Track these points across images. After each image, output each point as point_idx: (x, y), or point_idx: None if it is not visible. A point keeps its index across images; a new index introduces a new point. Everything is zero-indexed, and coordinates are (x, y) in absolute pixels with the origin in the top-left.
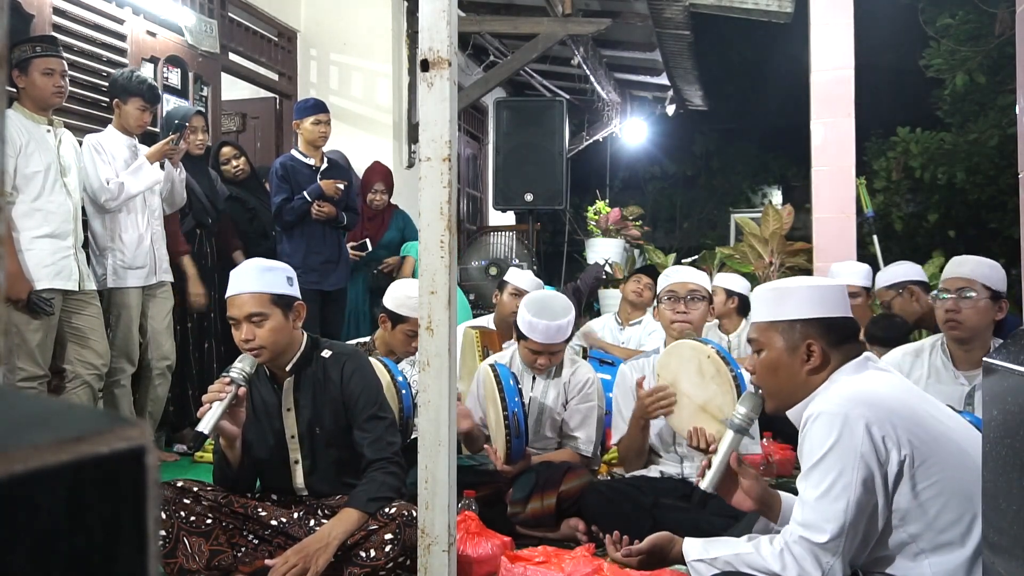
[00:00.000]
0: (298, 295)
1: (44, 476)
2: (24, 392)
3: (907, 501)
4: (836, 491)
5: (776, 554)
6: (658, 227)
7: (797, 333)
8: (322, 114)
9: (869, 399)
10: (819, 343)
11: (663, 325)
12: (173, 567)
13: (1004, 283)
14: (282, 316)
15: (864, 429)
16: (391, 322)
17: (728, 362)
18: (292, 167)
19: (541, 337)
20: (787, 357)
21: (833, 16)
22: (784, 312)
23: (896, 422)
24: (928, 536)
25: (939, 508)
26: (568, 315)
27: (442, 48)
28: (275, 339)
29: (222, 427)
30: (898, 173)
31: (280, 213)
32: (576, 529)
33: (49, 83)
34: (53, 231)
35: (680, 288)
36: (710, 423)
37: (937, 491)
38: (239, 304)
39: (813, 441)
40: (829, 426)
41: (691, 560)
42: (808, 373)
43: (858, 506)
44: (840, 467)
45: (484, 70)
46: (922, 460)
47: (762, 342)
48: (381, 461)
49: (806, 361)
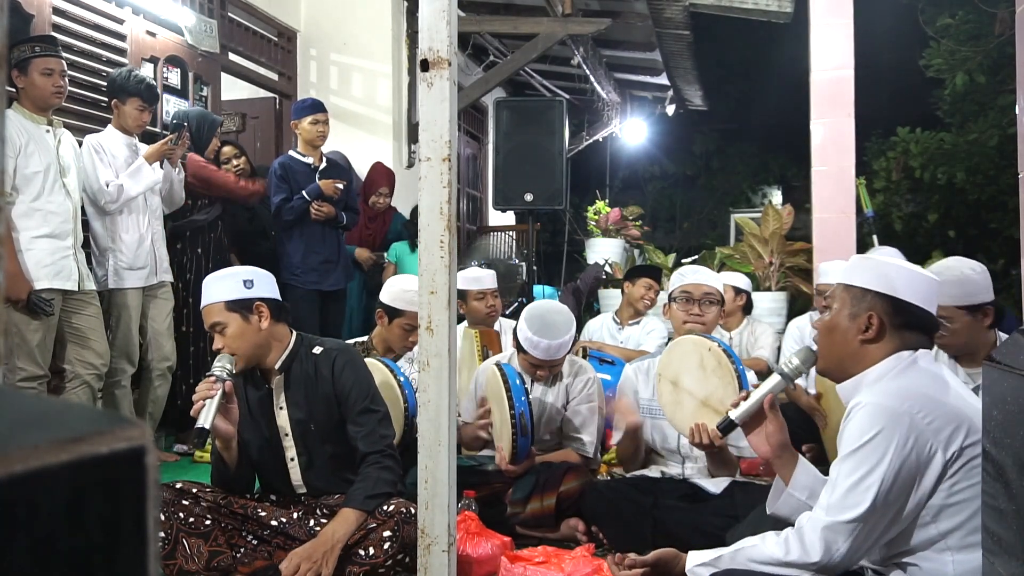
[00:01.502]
0: (262, 295)
1: (44, 476)
2: (24, 392)
3: (943, 499)
4: (869, 480)
5: (780, 540)
6: (658, 227)
7: (865, 302)
8: (320, 113)
9: (919, 397)
10: (883, 319)
11: (674, 325)
12: (173, 568)
13: (982, 293)
14: (241, 320)
15: (909, 427)
16: (388, 317)
17: (730, 355)
18: (291, 167)
19: (542, 355)
20: (847, 321)
21: (833, 16)
22: (863, 279)
23: (944, 424)
24: (958, 535)
25: (975, 509)
26: (569, 331)
27: (442, 48)
28: (240, 344)
29: (217, 427)
30: (898, 173)
31: (279, 213)
32: (576, 529)
33: (48, 83)
34: (52, 231)
35: (695, 290)
36: (712, 418)
37: (976, 492)
38: (205, 316)
39: (855, 429)
40: (874, 417)
41: (691, 567)
42: (861, 343)
43: (886, 499)
44: (877, 458)
45: (484, 70)
46: (969, 459)
47: (832, 300)
48: (375, 455)
49: (863, 331)
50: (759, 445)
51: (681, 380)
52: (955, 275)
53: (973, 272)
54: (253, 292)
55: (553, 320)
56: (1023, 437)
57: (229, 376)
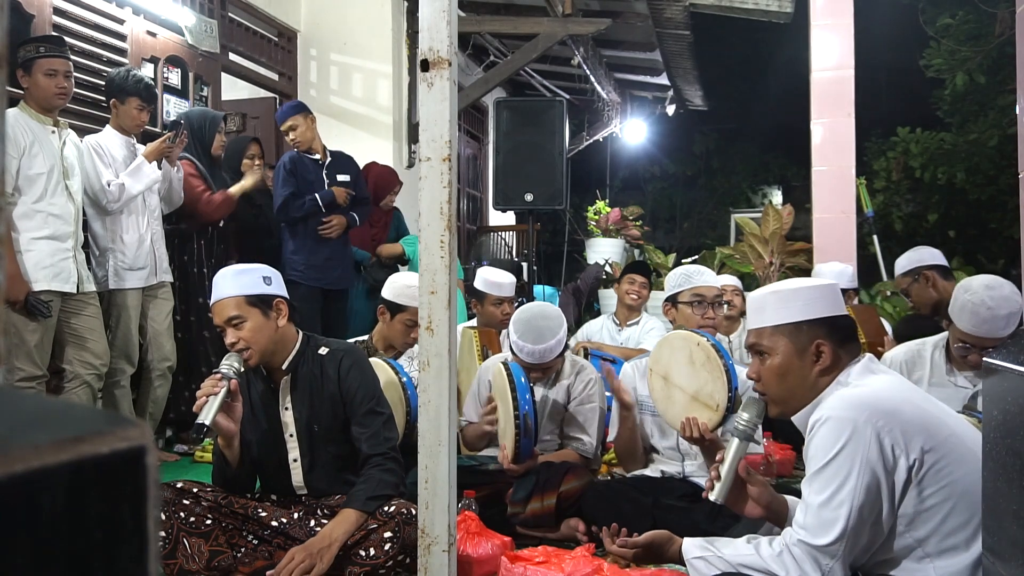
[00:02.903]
0: (279, 293)
1: (44, 476)
2: (24, 392)
3: (914, 506)
4: (840, 496)
5: (775, 555)
6: (658, 227)
7: (804, 334)
8: (288, 120)
9: (878, 405)
10: (828, 343)
11: (687, 327)
12: (173, 568)
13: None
14: (261, 316)
15: (872, 435)
16: (389, 313)
17: (719, 350)
18: (300, 161)
19: (530, 359)
20: (796, 360)
21: (833, 16)
22: (790, 315)
23: (905, 428)
24: (934, 540)
25: (946, 512)
26: (557, 334)
27: (442, 48)
28: (258, 339)
29: (220, 424)
30: (898, 173)
31: (286, 207)
32: (576, 529)
33: (52, 84)
34: (53, 233)
35: (708, 292)
36: (702, 412)
37: (945, 495)
38: (219, 310)
39: (820, 445)
40: (837, 431)
41: (690, 558)
42: (818, 374)
43: (860, 513)
44: (845, 472)
45: (484, 70)
46: (931, 465)
47: (767, 347)
48: (378, 457)
49: (815, 362)
50: (751, 511)
51: (671, 375)
52: (986, 314)
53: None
54: (272, 289)
55: (538, 325)
56: (1023, 437)
57: (235, 375)
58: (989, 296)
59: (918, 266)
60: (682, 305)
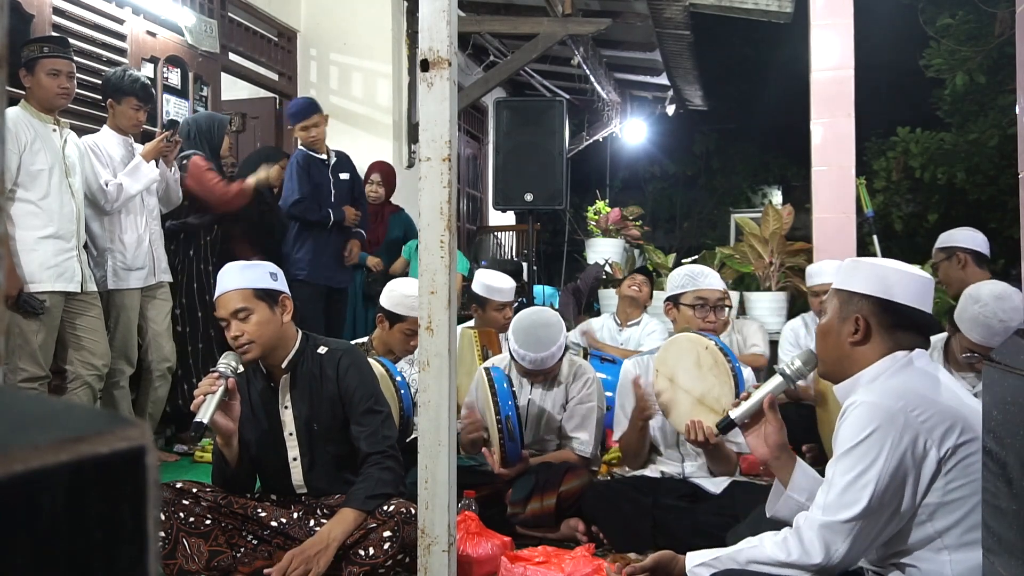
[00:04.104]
0: (284, 289)
1: (44, 476)
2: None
3: (939, 497)
4: (867, 478)
5: (780, 541)
6: (658, 227)
7: (853, 305)
8: (306, 119)
9: (913, 396)
10: (869, 320)
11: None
12: (173, 568)
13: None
14: (268, 310)
15: (904, 425)
16: (388, 322)
17: (727, 354)
18: (310, 160)
19: (530, 367)
20: (837, 324)
21: (833, 16)
22: (851, 283)
23: (940, 420)
24: (955, 533)
25: (971, 507)
26: (557, 340)
27: (442, 48)
28: (263, 332)
29: (218, 423)
30: (898, 173)
31: (301, 207)
32: (576, 529)
33: (54, 84)
34: (57, 231)
35: (711, 296)
36: (708, 416)
37: (973, 489)
38: (224, 303)
39: (851, 428)
40: (869, 415)
41: (691, 567)
42: (851, 345)
43: (883, 496)
44: (874, 455)
45: (484, 70)
46: (963, 457)
47: (826, 305)
48: (377, 455)
49: (852, 334)
50: (757, 446)
51: (677, 377)
52: (999, 327)
53: (1012, 320)
54: (278, 285)
55: (538, 334)
56: (1023, 437)
57: (233, 373)
58: (1001, 309)
59: (954, 245)
60: (684, 306)
